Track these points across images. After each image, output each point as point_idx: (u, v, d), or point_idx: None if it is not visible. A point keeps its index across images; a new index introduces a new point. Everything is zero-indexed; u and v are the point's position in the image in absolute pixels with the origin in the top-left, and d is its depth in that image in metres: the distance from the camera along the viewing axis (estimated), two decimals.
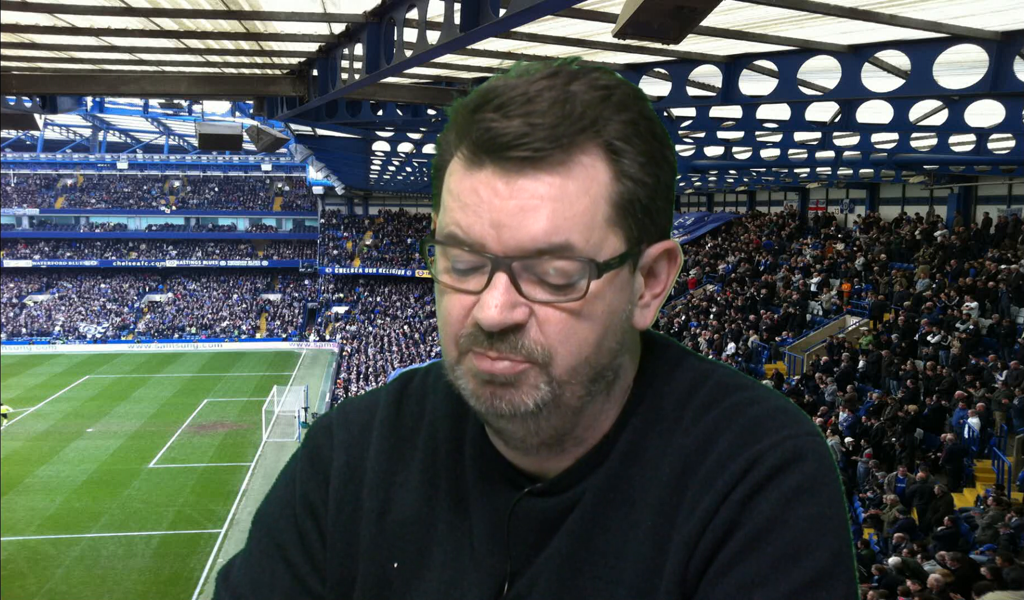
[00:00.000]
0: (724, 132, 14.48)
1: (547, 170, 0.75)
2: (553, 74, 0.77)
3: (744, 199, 39.12)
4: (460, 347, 0.80)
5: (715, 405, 0.84)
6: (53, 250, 63.42)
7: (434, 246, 0.81)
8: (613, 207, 0.78)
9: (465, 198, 0.77)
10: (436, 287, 0.83)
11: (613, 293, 0.79)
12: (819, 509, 0.76)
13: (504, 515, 0.87)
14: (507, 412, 0.79)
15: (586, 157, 0.76)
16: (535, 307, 0.77)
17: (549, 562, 0.84)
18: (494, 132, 0.75)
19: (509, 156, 0.75)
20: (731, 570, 0.75)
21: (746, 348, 23.18)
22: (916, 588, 9.81)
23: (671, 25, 4.94)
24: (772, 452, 0.78)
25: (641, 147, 0.78)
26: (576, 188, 0.76)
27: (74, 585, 19.34)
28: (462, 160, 0.78)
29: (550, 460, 0.86)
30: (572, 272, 0.76)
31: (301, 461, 0.97)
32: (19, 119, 13.82)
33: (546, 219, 0.75)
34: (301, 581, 0.92)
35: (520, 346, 0.77)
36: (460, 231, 0.77)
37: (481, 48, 9.27)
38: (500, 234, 0.75)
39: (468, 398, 0.81)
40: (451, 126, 0.81)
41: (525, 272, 0.76)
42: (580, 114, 0.75)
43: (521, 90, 0.76)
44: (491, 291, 0.76)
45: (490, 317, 0.75)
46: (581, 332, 0.78)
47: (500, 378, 0.78)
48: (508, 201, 0.75)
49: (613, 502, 0.83)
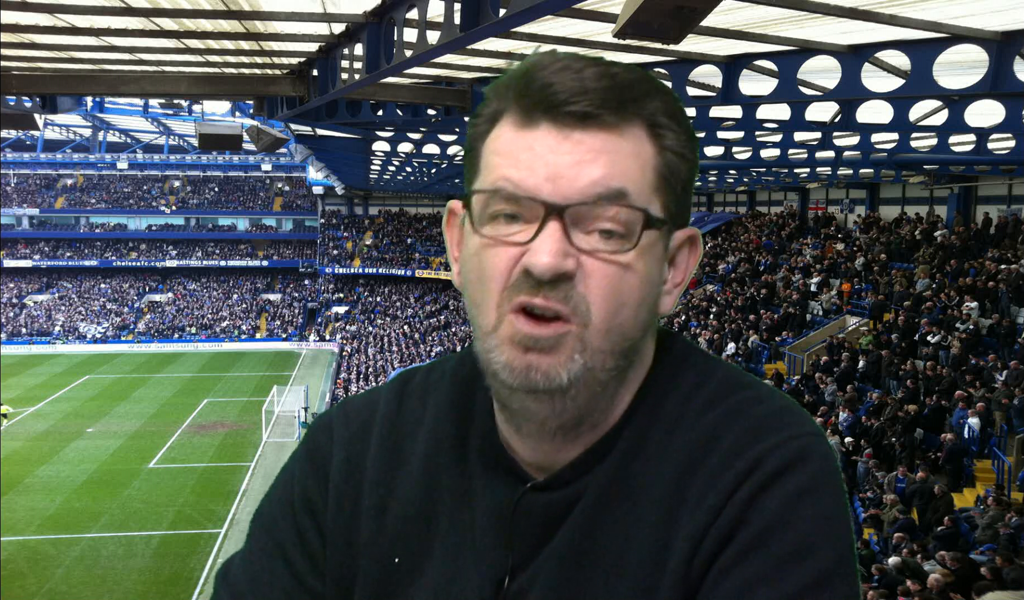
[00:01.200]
0: (724, 132, 14.47)
1: (602, 128, 0.77)
2: (589, 58, 0.79)
3: (744, 199, 39.13)
4: (501, 306, 0.78)
5: (720, 402, 0.84)
6: (53, 250, 63.41)
7: (473, 199, 0.80)
8: (658, 176, 0.80)
9: (519, 154, 0.78)
10: (470, 247, 0.81)
11: (652, 261, 0.81)
12: (824, 510, 0.77)
13: (508, 509, 0.86)
14: (541, 386, 0.78)
15: (633, 127, 0.78)
16: (583, 258, 0.77)
17: (551, 557, 0.84)
18: (551, 89, 0.76)
19: (565, 111, 0.76)
20: (735, 568, 0.75)
21: (746, 348, 23.18)
22: (916, 588, 9.81)
23: (671, 25, 4.95)
24: (777, 451, 0.78)
25: (678, 128, 0.81)
26: (628, 148, 0.78)
27: (74, 585, 19.34)
28: (512, 122, 0.79)
29: (561, 449, 0.86)
30: (625, 222, 0.77)
31: (301, 459, 0.97)
32: (19, 119, 13.82)
33: (603, 166, 0.77)
34: (300, 579, 0.92)
35: (568, 297, 0.77)
36: (511, 185, 0.77)
37: (481, 48, 9.27)
38: (556, 185, 0.76)
39: (499, 372, 0.79)
40: (492, 99, 0.82)
41: (578, 222, 0.77)
42: (625, 87, 0.78)
43: (566, 63, 0.78)
44: (543, 238, 0.75)
45: (542, 262, 0.75)
46: (624, 289, 0.78)
47: (542, 342, 0.77)
48: (564, 156, 0.76)
49: (616, 497, 0.83)
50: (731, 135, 14.94)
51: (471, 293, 0.82)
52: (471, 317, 0.83)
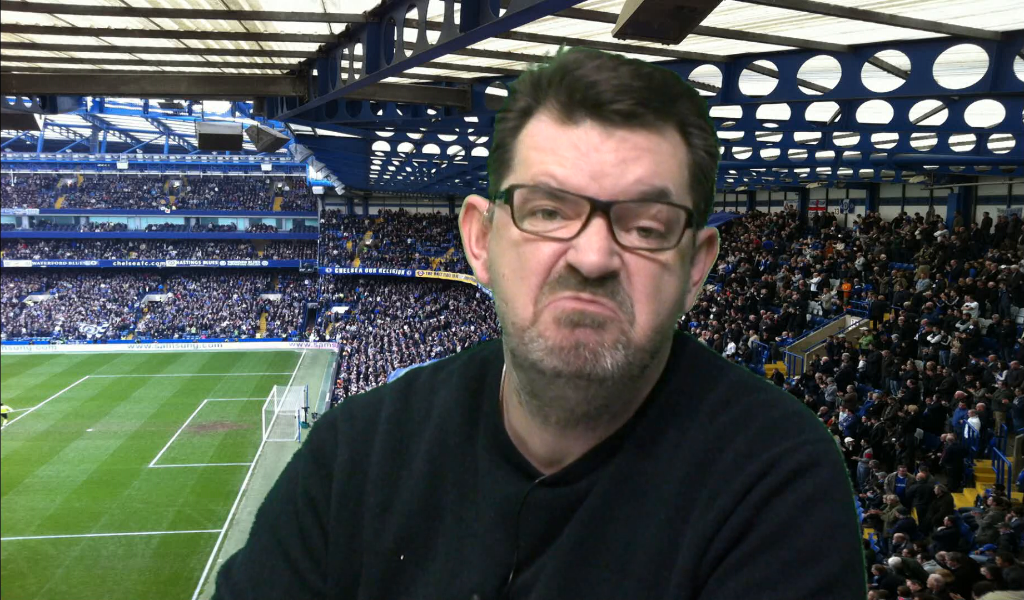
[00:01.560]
0: (724, 132, 14.46)
1: (644, 126, 0.78)
2: (617, 56, 0.80)
3: (744, 199, 39.13)
4: (540, 300, 0.78)
5: (732, 405, 0.84)
6: (53, 250, 63.41)
7: (513, 193, 0.79)
8: (692, 175, 0.81)
9: (562, 151, 0.78)
10: (505, 242, 0.81)
11: (686, 260, 0.82)
12: (833, 516, 0.77)
13: (515, 505, 0.87)
14: (586, 371, 0.78)
15: (669, 127, 0.79)
16: (626, 257, 0.77)
17: (557, 552, 0.84)
18: (596, 87, 0.77)
19: (610, 110, 0.77)
20: (741, 570, 0.76)
21: (746, 348, 23.17)
22: (916, 588, 9.81)
23: (671, 25, 4.95)
24: (790, 456, 0.79)
25: (707, 128, 0.82)
26: (668, 148, 0.79)
27: (74, 585, 19.34)
28: (552, 118, 0.79)
29: (579, 440, 0.86)
30: (666, 221, 0.78)
31: (304, 457, 0.97)
32: (19, 119, 13.81)
33: (647, 165, 0.77)
34: (302, 578, 0.92)
35: (614, 293, 0.77)
36: (555, 181, 0.77)
37: (481, 48, 9.27)
38: (601, 184, 0.76)
39: (542, 359, 0.78)
40: (522, 94, 0.82)
41: (620, 220, 0.77)
42: (660, 87, 0.78)
43: (601, 61, 0.78)
44: (589, 235, 0.76)
45: (590, 261, 0.75)
46: (665, 289, 0.79)
47: (592, 317, 0.77)
48: (609, 154, 0.77)
49: (624, 494, 0.83)
50: (731, 135, 14.94)
51: (504, 287, 0.81)
52: (501, 312, 0.83)
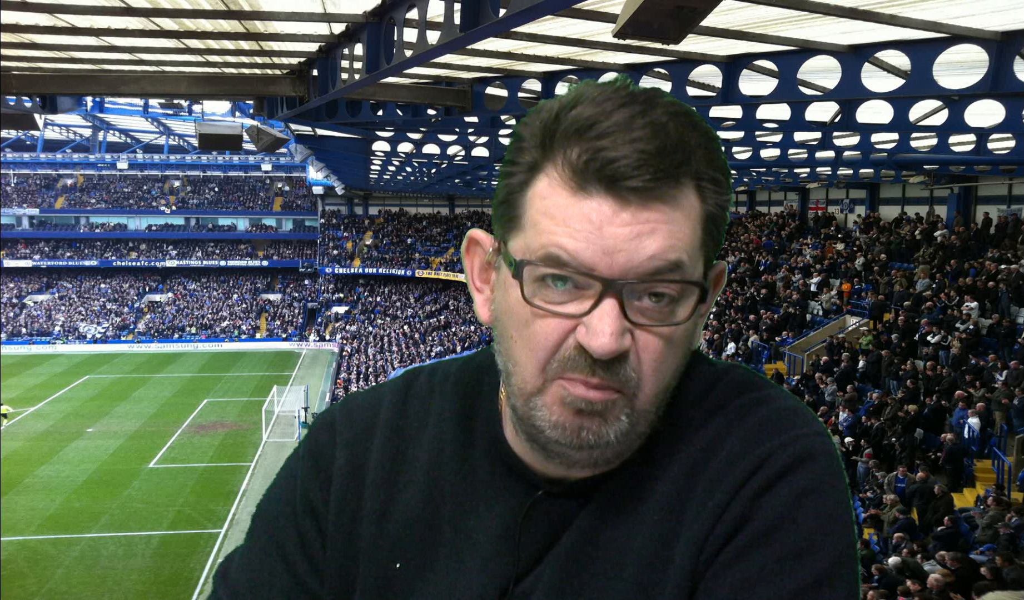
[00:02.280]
0: (724, 132, 14.46)
1: (658, 199, 0.75)
2: (630, 99, 0.76)
3: (744, 199, 39.11)
4: (548, 374, 0.78)
5: (726, 405, 0.84)
6: (53, 250, 63.40)
7: (518, 265, 0.78)
8: (705, 231, 0.79)
9: (574, 224, 0.75)
10: (513, 306, 0.80)
11: (696, 320, 0.81)
12: (827, 509, 0.77)
13: (518, 516, 0.86)
14: (591, 443, 0.79)
15: (684, 188, 0.77)
16: (637, 333, 0.77)
17: (555, 559, 0.84)
18: (607, 159, 0.74)
19: (625, 185, 0.74)
20: (736, 564, 0.76)
21: (746, 348, 23.18)
22: (916, 588, 9.81)
23: (671, 25, 4.94)
24: (782, 451, 0.79)
25: (720, 177, 0.80)
26: (681, 215, 0.77)
27: (74, 585, 19.33)
28: (561, 183, 0.77)
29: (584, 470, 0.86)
30: (678, 293, 0.77)
31: (303, 459, 0.97)
32: (19, 119, 13.80)
33: (661, 239, 0.75)
34: (299, 580, 0.92)
35: (621, 375, 0.77)
36: (566, 255, 0.76)
37: (481, 48, 9.27)
38: (614, 259, 0.75)
39: (546, 429, 0.80)
40: (530, 146, 0.79)
41: (631, 297, 0.76)
42: (676, 146, 0.75)
43: (615, 119, 0.75)
44: (602, 316, 0.75)
45: (603, 345, 0.74)
46: (670, 359, 0.79)
47: (595, 406, 0.77)
48: (623, 228, 0.75)
49: (621, 499, 0.84)
50: (731, 135, 14.93)
51: (512, 351, 0.81)
52: (505, 368, 0.83)
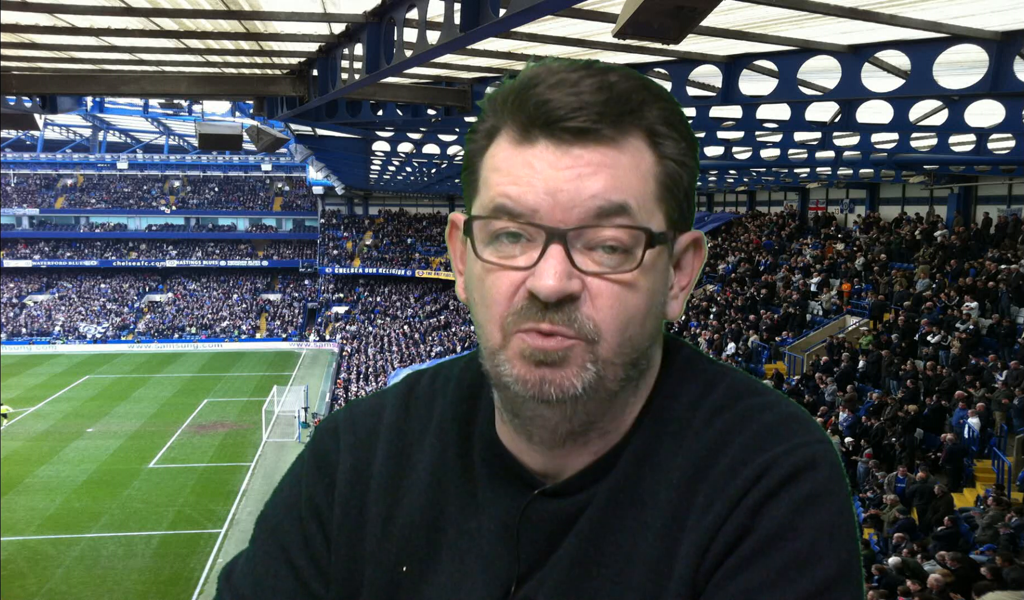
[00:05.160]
0: (724, 132, 14.47)
1: (601, 142, 0.77)
2: (586, 66, 0.79)
3: (744, 199, 39.11)
4: (506, 327, 0.79)
5: (727, 409, 0.84)
6: (53, 250, 63.40)
7: (472, 225, 0.80)
8: (660, 185, 0.80)
9: (517, 171, 0.78)
10: (473, 270, 0.82)
11: (657, 273, 0.81)
12: (829, 518, 0.77)
13: (515, 516, 0.86)
14: (555, 397, 0.78)
15: (633, 138, 0.78)
16: (587, 280, 0.77)
17: (558, 564, 0.84)
18: (548, 106, 0.76)
19: (564, 127, 0.76)
20: (739, 574, 0.76)
21: (746, 348, 23.17)
22: (916, 588, 9.80)
23: (671, 25, 4.94)
24: (784, 459, 0.79)
25: (678, 135, 0.80)
26: (628, 161, 0.78)
27: (74, 585, 19.34)
28: (510, 139, 0.79)
29: (570, 456, 0.86)
30: (627, 240, 0.77)
31: (307, 464, 0.97)
32: (19, 119, 13.79)
33: (604, 179, 0.76)
34: (304, 584, 0.92)
35: (573, 319, 0.77)
36: (511, 202, 0.77)
37: (481, 48, 9.27)
38: (556, 199, 0.76)
39: (511, 384, 0.80)
40: (488, 114, 0.82)
41: (578, 243, 0.77)
42: (622, 98, 0.77)
43: (562, 76, 0.77)
44: (547, 261, 0.76)
45: (547, 286, 0.75)
46: (630, 307, 0.79)
47: (552, 355, 0.77)
48: (564, 171, 0.76)
49: (623, 504, 0.83)
50: (731, 135, 14.94)
51: (475, 313, 0.82)
52: (477, 333, 0.84)
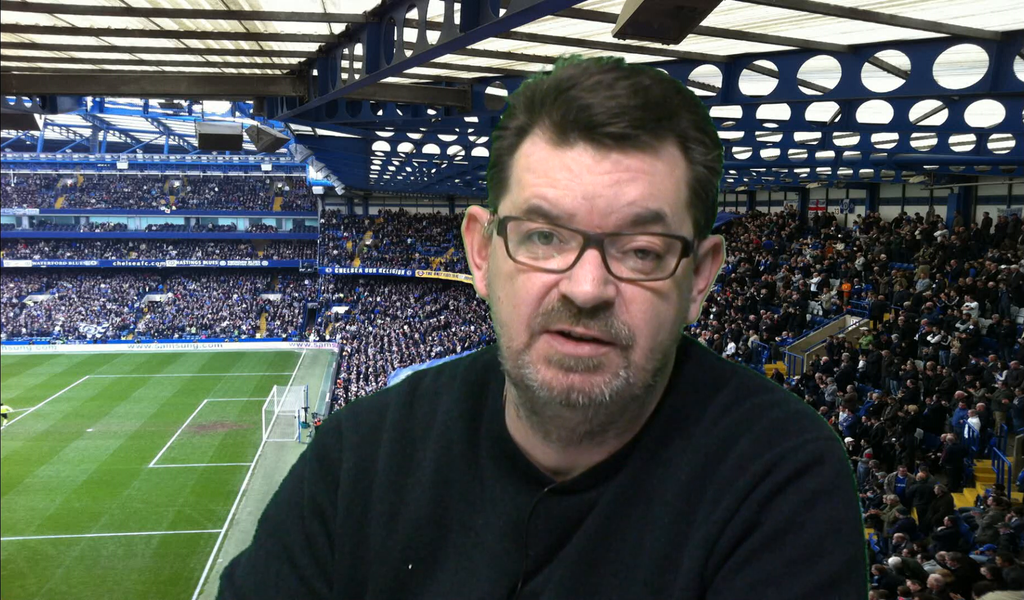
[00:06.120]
0: (724, 132, 14.46)
1: (639, 148, 0.77)
2: (615, 66, 0.79)
3: (744, 199, 39.13)
4: (534, 327, 0.78)
5: (735, 407, 0.85)
6: (53, 250, 63.39)
7: (506, 224, 0.80)
8: (691, 192, 0.80)
9: (555, 174, 0.77)
10: (500, 270, 0.81)
11: (685, 279, 0.81)
12: (836, 513, 0.77)
13: (525, 513, 0.86)
14: (583, 403, 0.78)
15: (668, 144, 0.78)
16: (622, 286, 0.77)
17: (565, 560, 0.84)
18: (589, 110, 0.76)
19: (603, 132, 0.76)
20: (746, 568, 0.76)
21: (746, 348, 23.18)
22: (916, 588, 9.81)
23: (671, 25, 4.94)
24: (792, 455, 0.79)
25: (709, 141, 0.81)
26: (664, 168, 0.78)
27: (74, 585, 19.34)
28: (545, 139, 0.79)
29: (583, 454, 0.86)
30: (662, 248, 0.77)
31: (310, 462, 0.97)
32: (19, 119, 13.79)
33: (642, 187, 0.76)
34: (307, 583, 0.92)
35: (609, 324, 0.77)
36: (547, 204, 0.77)
37: (481, 48, 9.27)
38: (594, 205, 0.76)
39: (536, 388, 0.79)
40: (520, 111, 0.81)
41: (614, 250, 0.76)
42: (658, 104, 0.77)
43: (598, 78, 0.77)
44: (583, 266, 0.75)
45: (584, 292, 0.75)
46: (662, 313, 0.79)
47: (585, 362, 0.77)
48: (602, 176, 0.76)
49: (631, 501, 0.84)
50: (731, 135, 14.93)
51: (500, 312, 0.82)
52: (497, 332, 0.83)
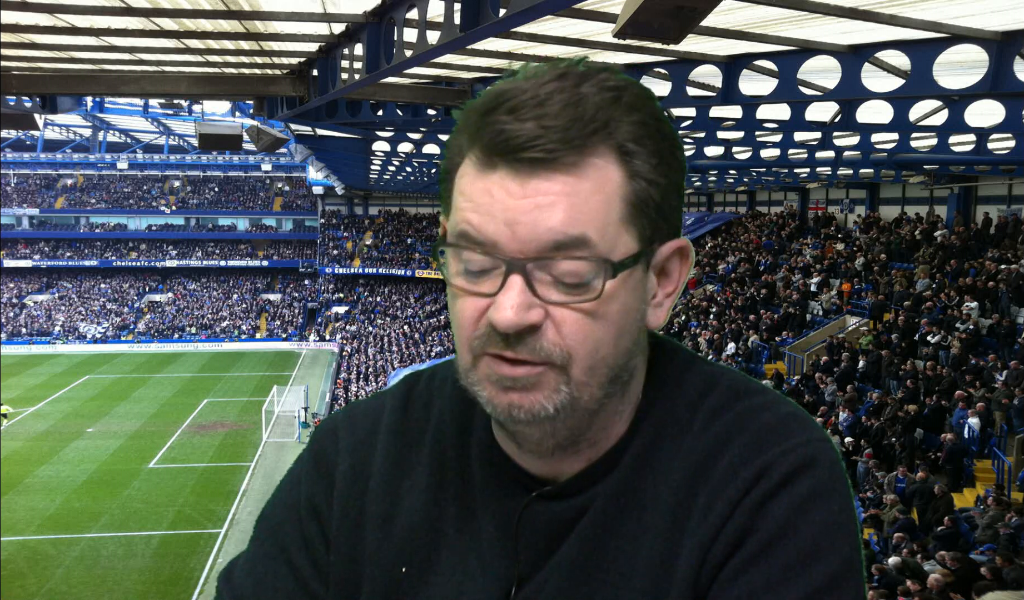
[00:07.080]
0: (724, 132, 14.46)
1: (560, 170, 0.75)
2: (562, 75, 0.77)
3: (744, 199, 39.12)
4: (474, 350, 0.79)
5: (726, 410, 0.84)
6: (53, 250, 63.41)
7: (445, 249, 0.80)
8: (627, 205, 0.77)
9: (478, 199, 0.77)
10: (449, 291, 0.82)
11: (627, 293, 0.79)
12: (830, 516, 0.77)
13: (513, 518, 0.86)
14: (525, 419, 0.78)
15: (598, 158, 0.76)
16: (550, 308, 0.76)
17: (559, 566, 0.84)
18: (507, 134, 0.74)
19: (522, 157, 0.74)
20: (742, 575, 0.76)
21: (746, 348, 23.18)
22: (916, 588, 9.81)
23: (671, 25, 4.94)
24: (784, 458, 0.79)
25: (652, 147, 0.78)
26: (589, 187, 0.75)
27: (74, 585, 19.35)
28: (474, 163, 0.78)
29: (563, 463, 0.86)
30: (586, 272, 0.76)
31: (306, 464, 0.97)
32: (19, 119, 13.79)
33: (562, 212, 0.75)
34: (304, 584, 0.92)
35: (538, 348, 0.76)
36: (473, 230, 0.77)
37: (481, 48, 9.27)
38: (515, 231, 0.75)
39: (484, 404, 0.80)
40: (461, 129, 0.80)
41: (539, 273, 0.76)
42: (591, 116, 0.75)
43: (531, 93, 0.75)
44: (506, 292, 0.75)
45: (506, 318, 0.74)
46: (598, 332, 0.77)
47: (521, 381, 0.77)
48: (522, 200, 0.75)
49: (624, 507, 0.83)
50: (731, 135, 14.94)
51: (452, 329, 0.83)
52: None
